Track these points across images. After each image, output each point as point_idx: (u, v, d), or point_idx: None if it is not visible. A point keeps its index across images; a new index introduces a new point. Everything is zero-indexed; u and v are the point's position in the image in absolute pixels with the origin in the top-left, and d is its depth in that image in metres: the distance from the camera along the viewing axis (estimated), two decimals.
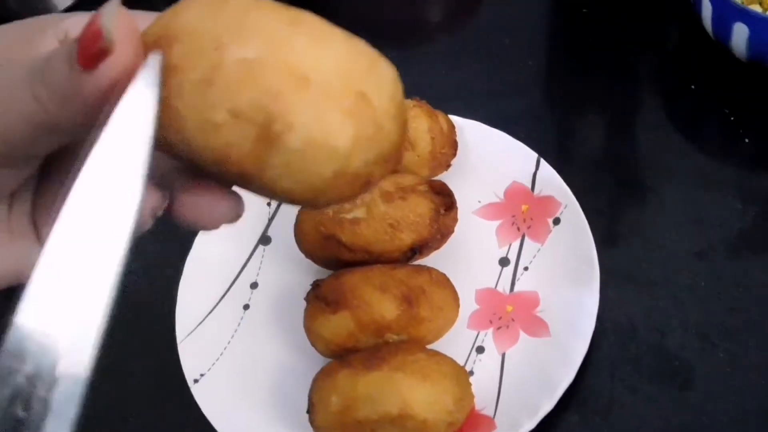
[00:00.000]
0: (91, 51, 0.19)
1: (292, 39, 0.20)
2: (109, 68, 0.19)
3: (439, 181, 0.46)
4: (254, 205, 0.35)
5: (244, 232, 0.50)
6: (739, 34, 0.49)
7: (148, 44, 0.20)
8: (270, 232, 0.50)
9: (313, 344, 0.42)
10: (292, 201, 0.21)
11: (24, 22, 0.27)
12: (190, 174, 0.23)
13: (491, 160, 0.50)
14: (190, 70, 0.19)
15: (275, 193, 0.21)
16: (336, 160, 0.19)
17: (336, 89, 0.19)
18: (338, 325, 0.41)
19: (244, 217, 0.24)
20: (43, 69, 0.20)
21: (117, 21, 0.19)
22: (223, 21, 0.20)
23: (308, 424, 0.39)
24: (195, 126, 0.19)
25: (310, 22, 0.21)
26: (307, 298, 0.43)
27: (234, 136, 0.19)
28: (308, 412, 0.39)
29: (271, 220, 0.51)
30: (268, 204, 0.51)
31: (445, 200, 0.45)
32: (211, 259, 0.49)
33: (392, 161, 0.21)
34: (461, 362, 0.41)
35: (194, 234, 0.50)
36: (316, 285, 0.43)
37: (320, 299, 0.42)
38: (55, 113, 0.20)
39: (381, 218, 0.43)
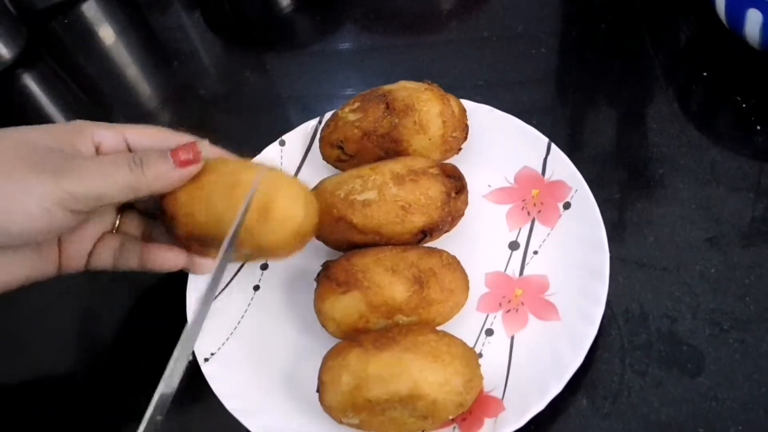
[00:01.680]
0: (187, 158, 0.40)
1: None
2: (190, 172, 0.40)
3: (451, 164, 0.46)
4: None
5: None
6: (753, 21, 0.49)
7: None
8: None
9: (323, 325, 0.43)
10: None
11: (67, 124, 0.42)
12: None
13: (502, 144, 0.50)
14: None
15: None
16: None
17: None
18: (349, 306, 0.41)
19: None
20: (142, 159, 0.39)
21: (207, 149, 0.42)
22: None
23: (318, 404, 0.39)
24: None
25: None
26: (318, 279, 0.43)
27: None
28: (318, 391, 0.40)
29: None
30: None
31: (456, 183, 0.45)
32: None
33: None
34: (470, 344, 0.41)
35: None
36: (326, 266, 0.43)
37: (331, 280, 0.42)
38: (147, 183, 0.39)
39: (392, 200, 0.43)
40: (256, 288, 0.48)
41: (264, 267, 0.49)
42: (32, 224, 0.38)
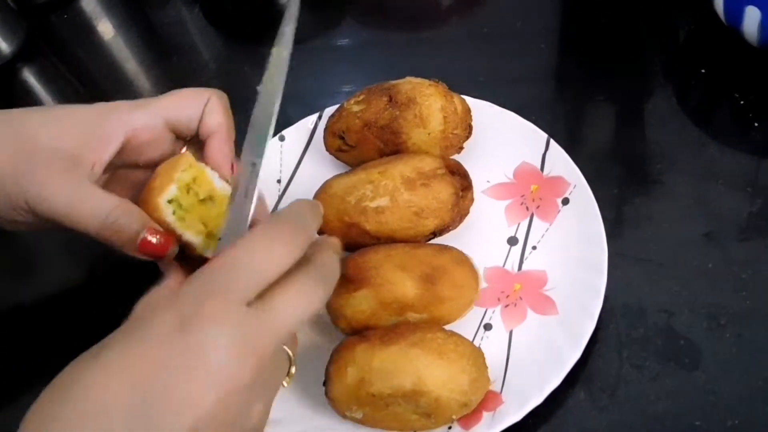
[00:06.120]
0: (151, 256, 0.37)
1: None
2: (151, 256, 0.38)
3: (454, 160, 0.47)
4: (263, 183, 0.35)
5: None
6: (751, 18, 0.49)
7: None
8: (280, 209, 0.50)
9: (334, 322, 0.43)
10: None
11: (94, 108, 0.40)
12: None
13: (501, 140, 0.50)
14: None
15: None
16: None
17: None
18: (360, 302, 0.41)
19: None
20: (117, 220, 0.37)
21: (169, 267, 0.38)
22: None
23: (324, 399, 0.40)
24: None
25: None
26: None
27: None
28: (324, 384, 0.40)
29: (281, 197, 0.51)
30: (278, 181, 0.52)
31: (462, 181, 0.45)
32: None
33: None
34: (469, 339, 0.41)
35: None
36: None
37: (342, 277, 0.42)
38: (102, 234, 0.37)
39: (405, 206, 0.43)
40: None
41: None
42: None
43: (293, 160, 0.53)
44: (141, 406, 0.26)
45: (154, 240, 0.37)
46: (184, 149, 0.43)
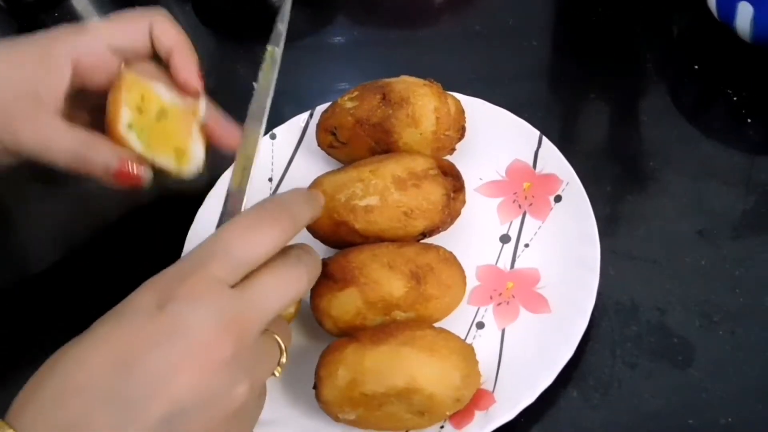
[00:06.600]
0: (128, 185, 0.41)
1: None
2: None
3: (448, 161, 0.46)
4: (255, 180, 0.35)
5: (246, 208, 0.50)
6: (744, 14, 0.49)
7: None
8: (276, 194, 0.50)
9: (319, 322, 0.42)
10: None
11: (37, 40, 0.41)
12: None
13: (493, 137, 0.50)
14: None
15: None
16: None
17: None
18: (346, 302, 0.41)
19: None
20: (86, 154, 0.40)
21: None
22: None
23: (315, 402, 0.39)
24: None
25: None
26: None
27: None
28: (315, 387, 0.39)
29: (272, 195, 0.51)
30: (269, 180, 0.51)
31: (454, 182, 0.45)
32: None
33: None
34: (461, 337, 0.41)
35: (194, 211, 0.50)
36: (323, 263, 0.43)
37: (327, 277, 0.41)
38: (75, 168, 0.41)
39: (395, 206, 0.43)
40: None
41: None
42: None
43: (284, 159, 0.53)
44: (119, 383, 0.27)
45: (126, 169, 0.40)
46: (122, 66, 0.43)
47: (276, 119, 0.54)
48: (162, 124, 0.41)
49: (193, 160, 0.43)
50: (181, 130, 0.42)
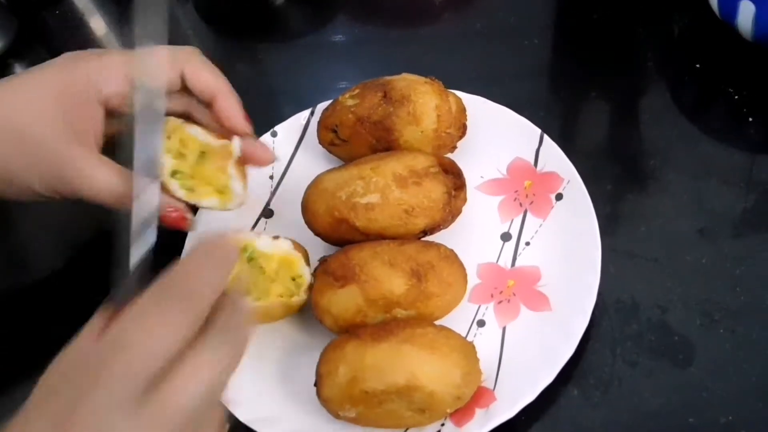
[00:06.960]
0: (172, 228, 0.40)
1: None
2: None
3: (449, 159, 0.46)
4: (256, 177, 0.35)
5: (246, 205, 0.49)
6: (745, 13, 0.49)
7: None
8: (273, 206, 0.50)
9: (320, 320, 0.42)
10: None
11: (61, 77, 0.41)
12: None
13: (494, 135, 0.50)
14: None
15: None
16: None
17: None
18: (346, 300, 0.41)
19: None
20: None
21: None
22: None
23: (315, 399, 0.39)
24: None
25: None
26: (314, 274, 0.43)
27: None
28: (315, 385, 0.39)
29: (273, 193, 0.51)
30: (270, 177, 0.51)
31: (455, 180, 0.45)
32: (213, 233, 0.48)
33: None
34: (462, 335, 0.41)
35: (194, 211, 0.50)
36: (323, 260, 0.43)
37: (328, 274, 0.41)
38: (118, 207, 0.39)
39: (395, 204, 0.43)
40: None
41: None
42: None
43: (285, 156, 0.52)
44: None
45: (173, 216, 0.41)
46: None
47: (276, 117, 0.54)
48: (201, 165, 0.41)
49: (235, 197, 0.42)
50: (219, 168, 0.41)
